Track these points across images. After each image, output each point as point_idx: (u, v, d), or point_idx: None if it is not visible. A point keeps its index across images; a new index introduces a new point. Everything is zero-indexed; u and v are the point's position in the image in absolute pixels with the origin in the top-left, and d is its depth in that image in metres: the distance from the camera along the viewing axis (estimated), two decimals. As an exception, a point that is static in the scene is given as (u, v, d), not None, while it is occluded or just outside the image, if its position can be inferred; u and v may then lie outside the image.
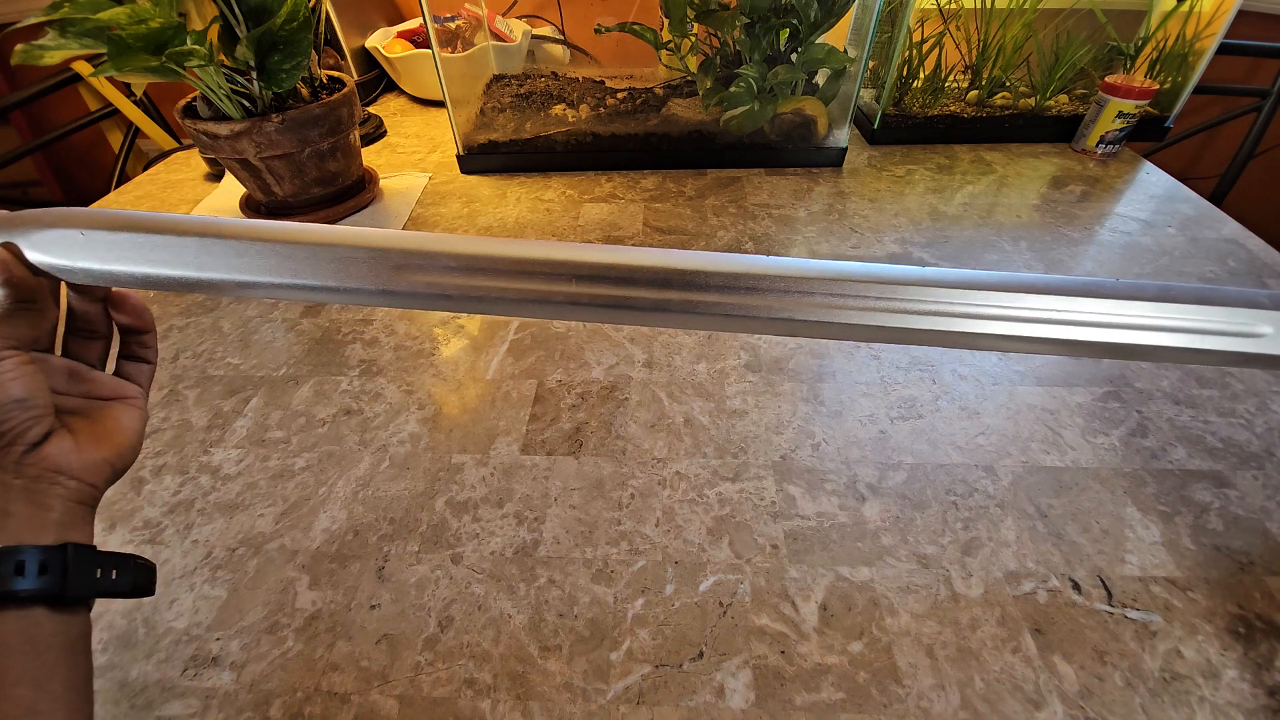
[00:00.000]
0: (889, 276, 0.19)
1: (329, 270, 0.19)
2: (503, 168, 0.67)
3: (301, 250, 0.19)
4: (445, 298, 0.20)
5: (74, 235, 0.19)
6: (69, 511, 0.19)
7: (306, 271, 0.19)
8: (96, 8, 0.41)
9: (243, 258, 0.19)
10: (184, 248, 0.19)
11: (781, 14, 0.57)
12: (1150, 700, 0.25)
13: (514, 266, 0.20)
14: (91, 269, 0.20)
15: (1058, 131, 0.69)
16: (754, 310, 0.20)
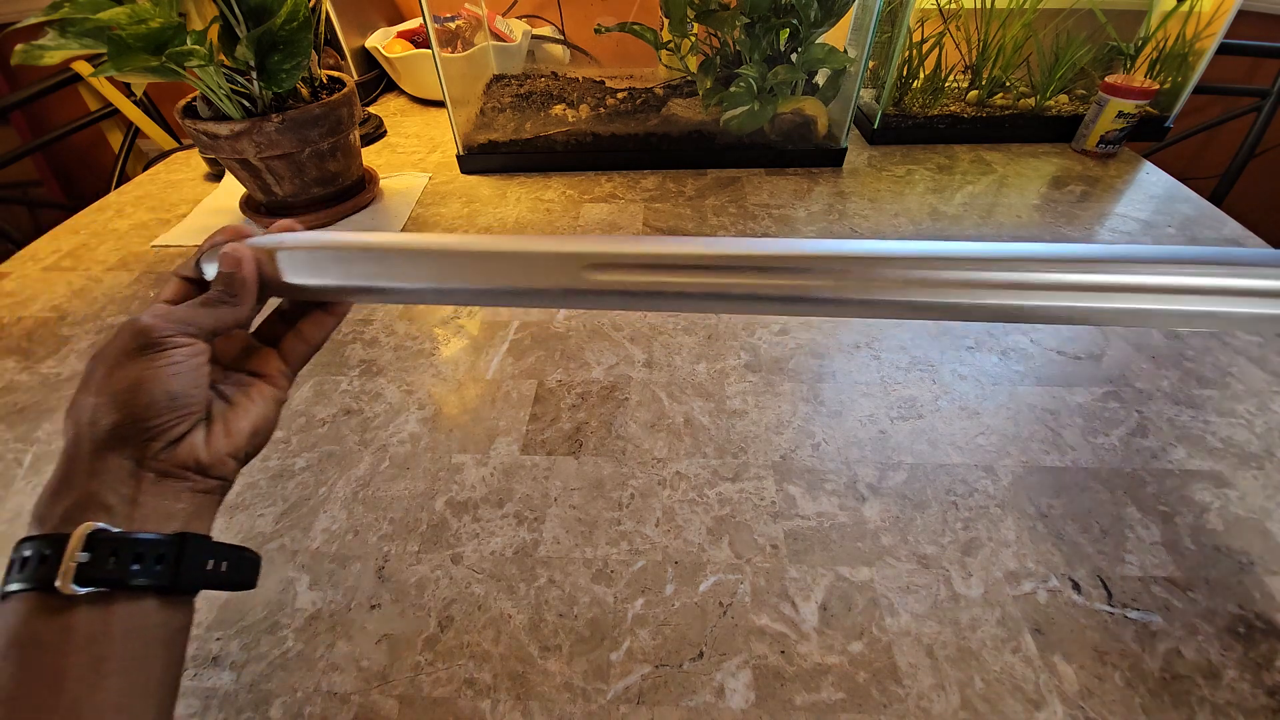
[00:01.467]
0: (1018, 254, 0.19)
1: (523, 275, 0.21)
2: (503, 168, 0.67)
3: (498, 259, 0.21)
4: (629, 295, 0.20)
5: (309, 255, 0.22)
6: (195, 502, 0.19)
7: (501, 277, 0.21)
8: (96, 8, 0.41)
9: (454, 269, 0.21)
10: (392, 261, 0.21)
11: (781, 14, 0.57)
12: (1150, 700, 0.25)
13: (699, 262, 0.20)
14: (309, 284, 0.22)
15: (1058, 131, 0.69)
16: (937, 295, 0.19)
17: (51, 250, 0.56)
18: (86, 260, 0.55)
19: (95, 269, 0.54)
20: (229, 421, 0.21)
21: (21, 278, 0.53)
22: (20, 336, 0.46)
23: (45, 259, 0.55)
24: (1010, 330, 0.45)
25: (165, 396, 0.19)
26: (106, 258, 0.55)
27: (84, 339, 0.46)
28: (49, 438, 0.38)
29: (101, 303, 0.49)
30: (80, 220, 0.61)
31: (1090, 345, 0.43)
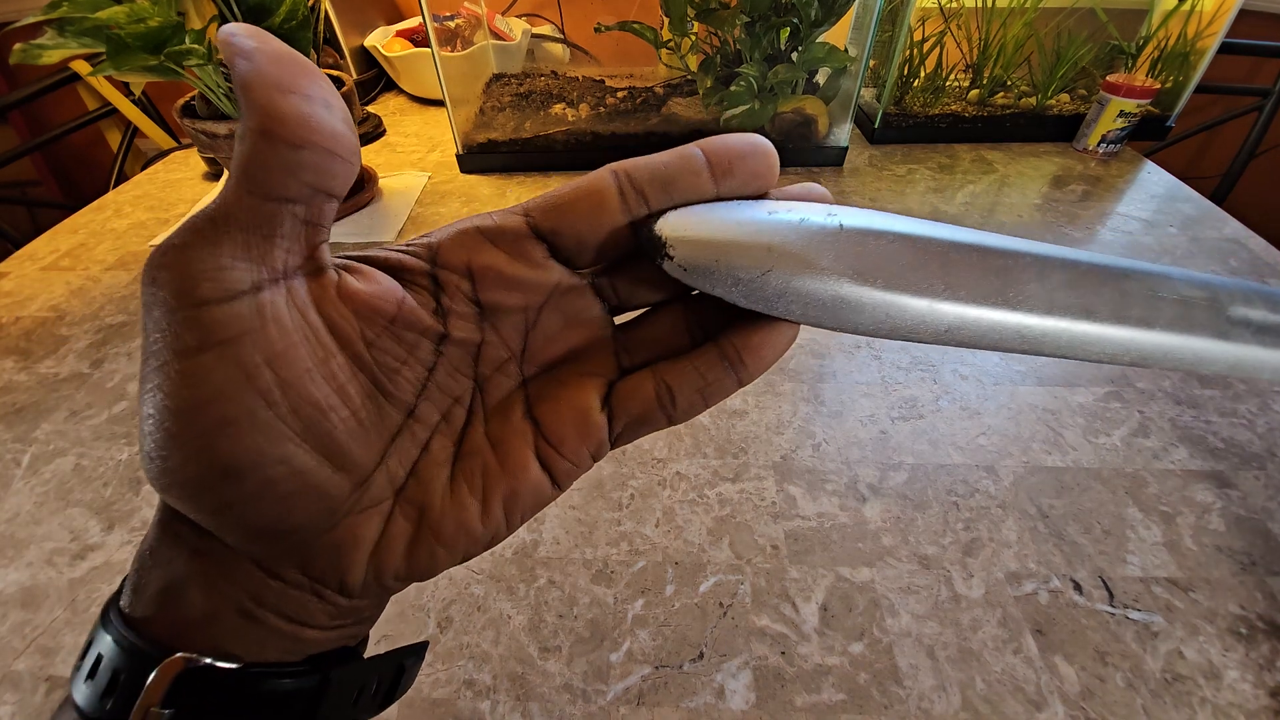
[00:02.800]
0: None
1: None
2: (502, 167, 0.67)
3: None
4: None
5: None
6: (347, 624, 0.12)
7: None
8: (95, 7, 0.41)
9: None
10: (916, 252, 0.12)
11: (782, 13, 0.57)
12: (1152, 701, 0.25)
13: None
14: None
15: (1059, 131, 0.69)
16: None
17: (50, 250, 0.56)
18: (85, 260, 0.55)
19: (94, 269, 0.53)
20: (433, 518, 0.12)
21: (20, 277, 0.53)
22: (18, 336, 0.46)
23: (44, 258, 0.55)
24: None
25: (223, 423, 0.09)
26: (105, 257, 0.55)
27: (82, 339, 0.46)
28: (47, 438, 0.38)
29: (100, 302, 0.49)
30: (79, 220, 0.61)
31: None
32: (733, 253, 0.12)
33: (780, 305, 0.12)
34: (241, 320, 0.09)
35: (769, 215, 0.12)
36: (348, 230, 0.57)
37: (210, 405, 0.09)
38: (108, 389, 0.41)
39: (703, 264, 0.12)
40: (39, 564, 0.31)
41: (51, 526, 0.33)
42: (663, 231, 0.12)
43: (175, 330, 0.09)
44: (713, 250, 0.12)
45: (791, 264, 0.12)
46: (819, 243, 0.12)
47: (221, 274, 0.09)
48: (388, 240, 0.56)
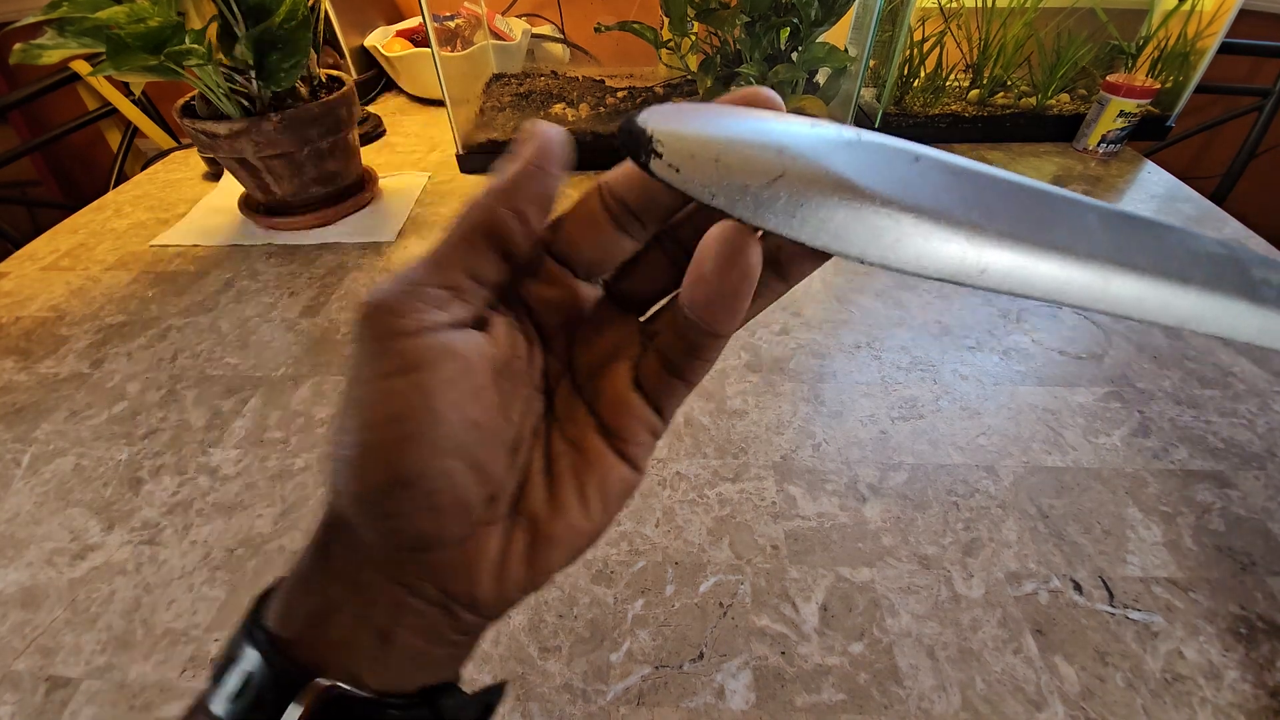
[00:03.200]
0: None
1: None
2: (502, 167, 0.67)
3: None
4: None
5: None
6: (456, 647, 0.13)
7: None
8: (95, 7, 0.41)
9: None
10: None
11: (782, 12, 0.57)
12: (1152, 701, 0.25)
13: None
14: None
15: (1059, 131, 0.69)
16: None
17: (50, 250, 0.56)
18: (85, 260, 0.55)
19: (94, 269, 0.53)
20: (544, 522, 0.13)
21: (20, 277, 0.53)
22: (18, 336, 0.46)
23: (44, 258, 0.55)
24: (1011, 330, 0.44)
25: (404, 455, 0.11)
26: (105, 257, 0.55)
27: (82, 339, 0.46)
28: (47, 438, 0.38)
29: (100, 302, 0.49)
30: (79, 220, 0.61)
31: (1091, 345, 0.43)
32: (737, 151, 0.09)
33: (794, 222, 0.09)
34: (431, 352, 0.11)
35: (778, 118, 0.10)
36: (348, 230, 0.57)
37: (401, 421, 0.11)
38: (107, 389, 0.41)
39: (699, 162, 0.09)
40: (39, 564, 0.31)
41: (51, 526, 0.33)
42: (648, 124, 0.10)
43: (380, 357, 0.11)
44: (712, 147, 0.10)
45: (809, 171, 0.09)
46: (840, 151, 0.10)
47: (421, 316, 0.11)
48: (387, 240, 0.56)
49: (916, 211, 0.10)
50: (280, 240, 0.56)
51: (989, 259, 0.10)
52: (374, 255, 0.54)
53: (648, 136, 0.10)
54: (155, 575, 0.30)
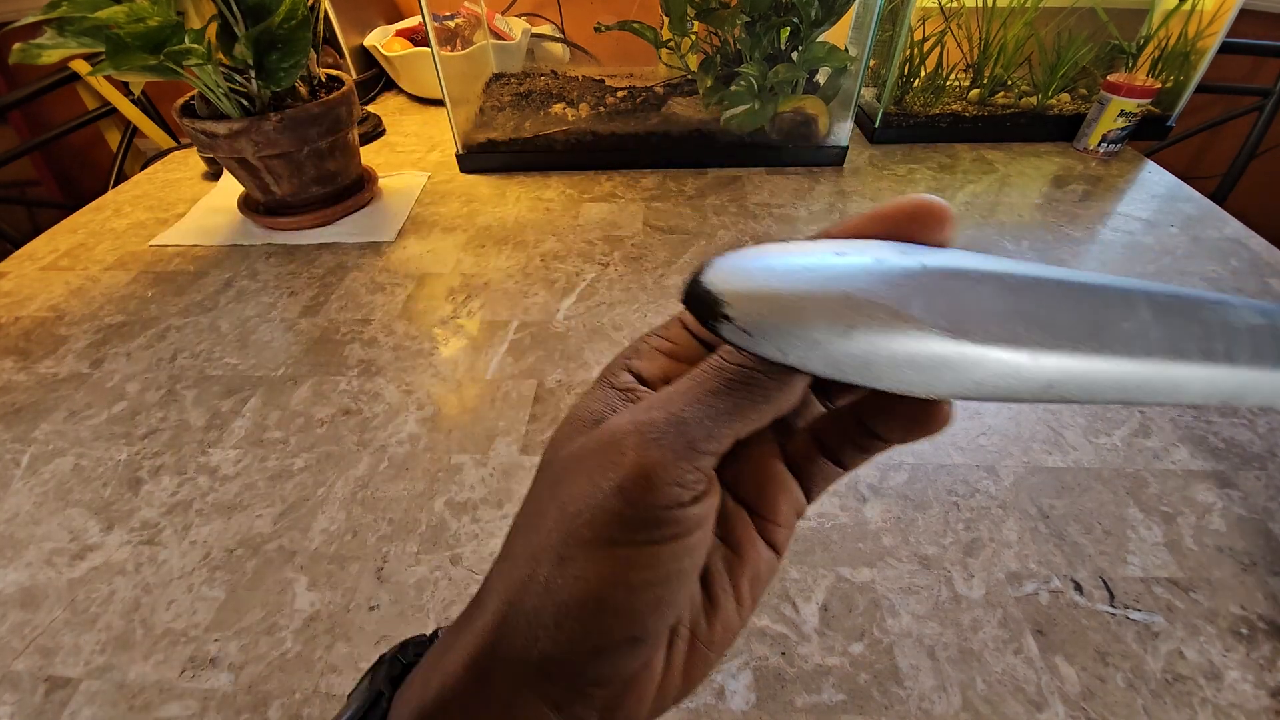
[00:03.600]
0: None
1: None
2: (502, 167, 0.67)
3: None
4: None
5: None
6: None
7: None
8: (94, 6, 0.40)
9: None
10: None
11: (782, 12, 0.56)
12: (1152, 702, 0.25)
13: None
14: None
15: (1059, 130, 0.69)
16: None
17: (49, 250, 0.56)
18: (84, 260, 0.55)
19: (93, 268, 0.53)
20: (702, 629, 0.12)
21: (19, 277, 0.53)
22: (18, 336, 0.46)
23: (43, 258, 0.55)
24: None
25: (644, 615, 0.11)
26: (104, 257, 0.55)
27: (81, 339, 0.46)
28: (46, 438, 0.38)
29: (99, 302, 0.49)
30: (78, 219, 0.61)
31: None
32: (806, 307, 0.09)
33: (866, 372, 0.09)
34: (699, 519, 0.11)
35: (838, 257, 0.10)
36: (347, 229, 0.57)
37: (660, 584, 0.11)
38: (107, 389, 0.41)
39: (769, 324, 0.09)
40: (38, 564, 0.31)
41: (50, 527, 0.33)
42: (714, 285, 0.10)
43: (645, 523, 0.10)
44: (780, 306, 0.09)
45: (878, 318, 0.09)
46: (905, 289, 0.10)
47: (698, 486, 0.11)
48: (387, 240, 0.56)
49: (986, 345, 0.10)
50: (280, 240, 0.56)
51: (1056, 377, 0.10)
52: (374, 255, 0.54)
53: (714, 298, 0.10)
54: (154, 575, 0.30)
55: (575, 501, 0.11)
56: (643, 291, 0.49)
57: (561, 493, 0.11)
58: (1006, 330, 0.10)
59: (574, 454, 0.12)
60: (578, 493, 0.11)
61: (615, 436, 0.11)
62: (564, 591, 0.11)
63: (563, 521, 0.11)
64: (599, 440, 0.11)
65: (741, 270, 0.10)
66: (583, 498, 0.11)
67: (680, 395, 0.11)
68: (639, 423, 0.11)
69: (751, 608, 0.13)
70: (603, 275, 0.50)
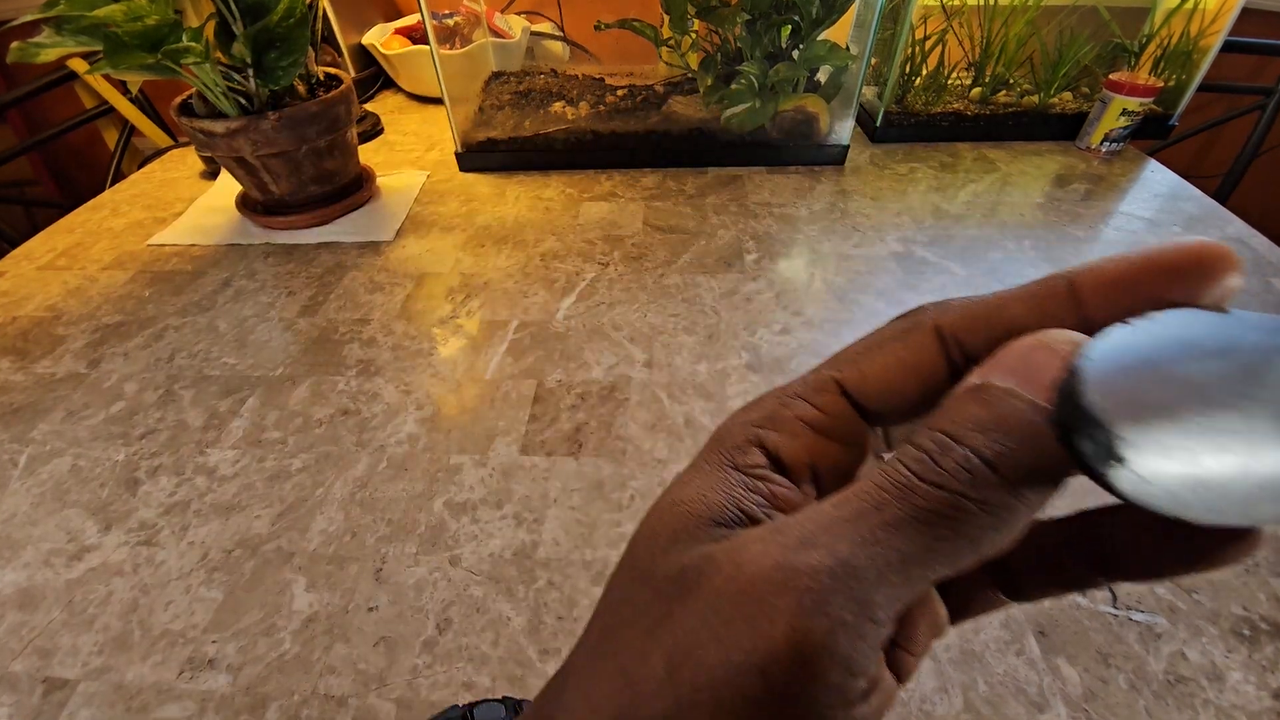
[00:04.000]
0: None
1: None
2: (501, 166, 0.66)
3: None
4: None
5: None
6: None
7: None
8: (92, 5, 0.40)
9: None
10: None
11: (783, 11, 0.56)
12: (1154, 703, 0.25)
13: None
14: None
15: (1061, 129, 0.69)
16: None
17: (46, 249, 0.56)
18: (82, 259, 0.54)
19: (91, 268, 0.53)
20: None
21: (16, 277, 0.52)
22: (15, 336, 0.46)
23: (40, 258, 0.55)
24: (1013, 330, 0.44)
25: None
26: (102, 257, 0.55)
27: (79, 339, 0.46)
28: (44, 438, 0.38)
29: (97, 302, 0.49)
30: (75, 219, 0.61)
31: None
32: (1211, 435, 0.07)
33: (1258, 510, 0.07)
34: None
35: (1223, 346, 0.07)
36: (346, 229, 0.57)
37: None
38: (105, 389, 0.41)
39: (1173, 467, 0.07)
40: (36, 565, 0.31)
41: (48, 527, 0.33)
42: (1107, 412, 0.07)
43: (788, 715, 0.07)
44: (1184, 436, 0.07)
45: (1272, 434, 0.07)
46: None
47: (867, 668, 0.08)
48: (386, 239, 0.56)
49: None
50: (278, 239, 0.56)
51: None
52: (372, 254, 0.54)
53: (1109, 434, 0.07)
54: (152, 576, 0.30)
55: (693, 664, 0.08)
56: (643, 291, 0.48)
57: (669, 637, 0.08)
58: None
59: (691, 582, 0.09)
60: (699, 652, 0.08)
61: (758, 585, 0.08)
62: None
63: (672, 687, 0.08)
64: (733, 581, 0.08)
65: (1140, 383, 0.07)
66: (706, 664, 0.08)
67: (848, 525, 0.08)
68: (792, 568, 0.08)
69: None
70: (602, 275, 0.50)
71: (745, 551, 0.08)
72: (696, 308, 0.47)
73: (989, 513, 0.07)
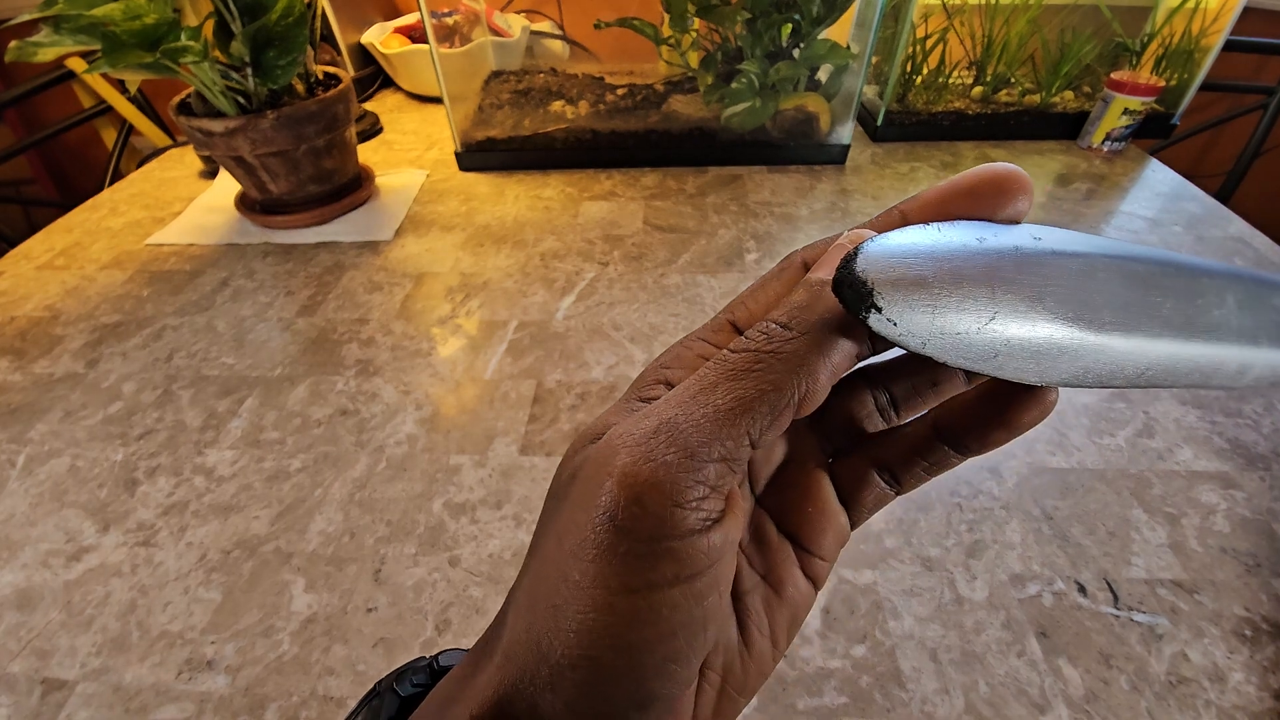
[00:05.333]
0: None
1: None
2: (501, 165, 0.66)
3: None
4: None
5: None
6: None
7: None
8: (90, 4, 0.40)
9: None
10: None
11: (783, 9, 0.56)
12: (1156, 704, 0.25)
13: None
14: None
15: (1063, 128, 0.69)
16: None
17: (45, 249, 0.56)
18: (80, 259, 0.54)
19: (89, 268, 0.53)
20: (735, 675, 0.11)
21: (14, 276, 0.52)
22: (13, 336, 0.46)
23: (38, 258, 0.55)
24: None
25: (649, 679, 0.09)
26: (100, 256, 0.55)
27: (77, 338, 0.45)
28: (42, 438, 0.37)
29: (95, 302, 0.49)
30: (74, 218, 0.60)
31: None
32: (955, 299, 0.09)
33: (992, 360, 0.09)
34: (714, 552, 0.09)
35: (980, 243, 0.10)
36: (345, 228, 0.57)
37: (666, 641, 0.09)
38: (103, 389, 0.41)
39: (918, 317, 0.09)
40: (34, 565, 0.31)
41: (46, 528, 0.32)
42: (868, 274, 0.09)
43: (650, 560, 0.09)
44: (930, 296, 0.09)
45: (1015, 308, 0.09)
46: (1039, 278, 0.10)
47: (704, 504, 0.09)
48: (385, 239, 0.55)
49: (1103, 334, 0.10)
50: (277, 239, 0.56)
51: (1152, 363, 0.10)
52: (371, 254, 0.53)
53: (868, 289, 0.09)
54: (151, 577, 0.30)
55: (568, 535, 0.09)
56: (643, 290, 0.48)
57: (558, 522, 0.10)
58: (1121, 318, 0.10)
59: (570, 473, 0.10)
60: (573, 521, 0.09)
61: (604, 454, 0.09)
62: (556, 652, 0.09)
63: (558, 561, 0.09)
64: (593, 457, 0.10)
65: (893, 255, 0.09)
66: (574, 530, 0.09)
67: (677, 396, 0.10)
68: (628, 433, 0.09)
69: (785, 646, 0.12)
70: (602, 274, 0.50)
71: (606, 438, 0.10)
72: (697, 307, 0.47)
73: (784, 361, 0.09)
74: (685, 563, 0.09)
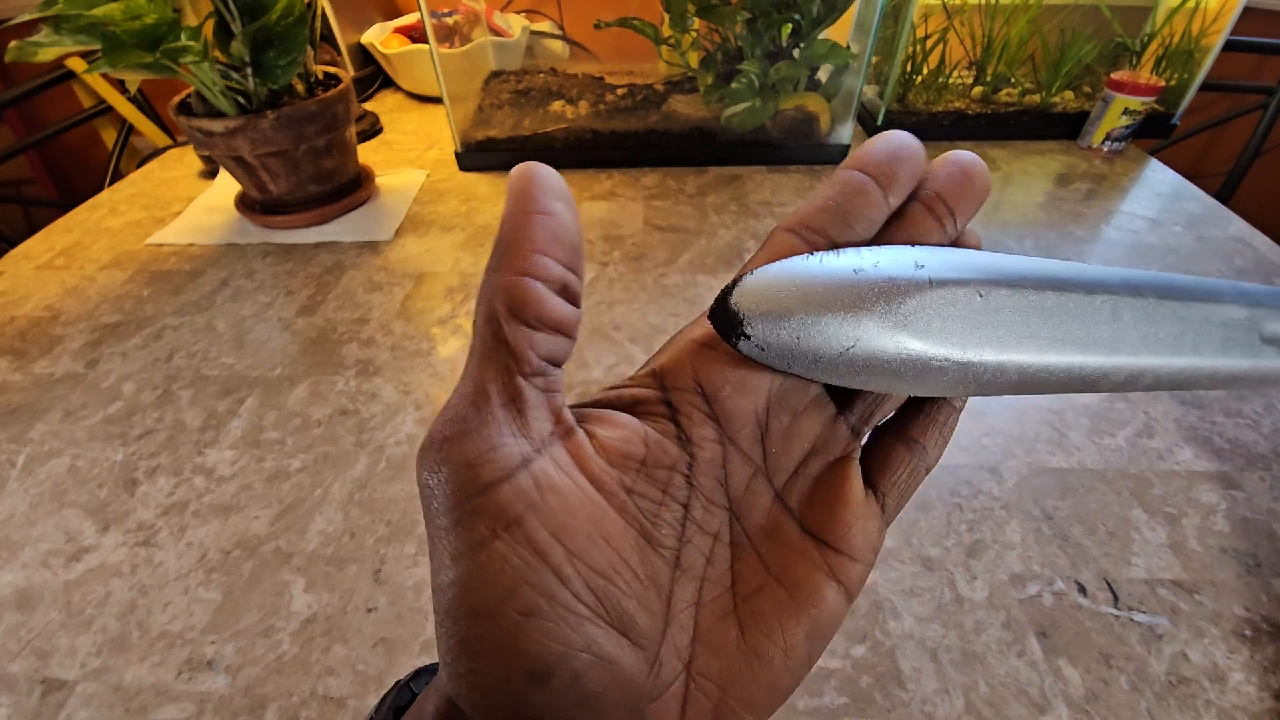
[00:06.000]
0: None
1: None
2: (501, 165, 0.66)
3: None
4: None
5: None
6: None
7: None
8: (90, 4, 0.40)
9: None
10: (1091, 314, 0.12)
11: (783, 9, 0.56)
12: (1156, 704, 0.25)
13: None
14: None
15: (1063, 128, 0.69)
16: None
17: (44, 249, 0.56)
18: (80, 259, 0.54)
19: (89, 268, 0.53)
20: (740, 687, 0.10)
21: (14, 276, 0.52)
22: (13, 336, 0.46)
23: (38, 258, 0.55)
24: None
25: (523, 616, 0.09)
26: (100, 256, 0.55)
27: (77, 338, 0.45)
28: (42, 438, 0.37)
29: (95, 302, 0.49)
30: (73, 218, 0.60)
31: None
32: (816, 329, 0.10)
33: (859, 379, 0.11)
34: (524, 495, 0.09)
35: (855, 275, 0.10)
36: (345, 228, 0.57)
37: (512, 596, 0.09)
38: (103, 389, 0.41)
39: (783, 343, 0.10)
40: (34, 565, 0.31)
41: (46, 528, 0.32)
42: (741, 305, 0.10)
43: (465, 523, 0.09)
44: (793, 327, 0.10)
45: (877, 337, 0.10)
46: (907, 310, 0.10)
47: (495, 453, 0.09)
48: (385, 239, 0.55)
49: (968, 350, 0.11)
50: (277, 239, 0.55)
51: (1034, 374, 0.11)
52: (371, 254, 0.53)
53: (740, 319, 0.10)
54: (150, 577, 0.30)
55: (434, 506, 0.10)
56: (643, 291, 0.48)
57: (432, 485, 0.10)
58: (990, 337, 0.11)
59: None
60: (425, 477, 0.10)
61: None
62: (441, 647, 0.09)
63: (433, 529, 0.10)
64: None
65: (766, 288, 0.11)
66: (437, 496, 0.10)
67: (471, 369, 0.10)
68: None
69: (807, 665, 0.11)
70: (602, 274, 0.50)
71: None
72: (697, 307, 0.47)
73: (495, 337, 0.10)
74: (498, 514, 0.09)
